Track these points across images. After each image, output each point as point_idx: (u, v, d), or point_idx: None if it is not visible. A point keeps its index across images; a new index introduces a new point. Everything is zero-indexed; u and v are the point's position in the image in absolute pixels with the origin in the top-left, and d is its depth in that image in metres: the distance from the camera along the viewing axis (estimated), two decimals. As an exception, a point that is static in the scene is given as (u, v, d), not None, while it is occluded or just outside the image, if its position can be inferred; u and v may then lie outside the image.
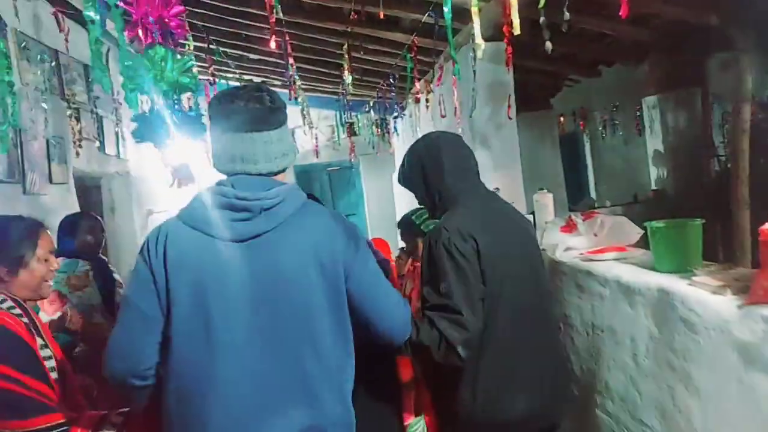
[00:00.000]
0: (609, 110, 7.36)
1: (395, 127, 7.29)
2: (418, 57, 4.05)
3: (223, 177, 1.30)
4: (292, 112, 7.46)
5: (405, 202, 5.92)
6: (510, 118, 3.57)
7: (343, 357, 1.27)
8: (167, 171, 1.98)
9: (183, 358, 1.19)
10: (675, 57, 5.15)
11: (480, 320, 1.47)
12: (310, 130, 7.19)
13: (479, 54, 2.46)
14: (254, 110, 1.26)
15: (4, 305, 1.44)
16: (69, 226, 2.51)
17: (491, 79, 3.62)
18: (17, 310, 1.46)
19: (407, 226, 2.23)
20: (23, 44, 3.31)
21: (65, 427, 1.34)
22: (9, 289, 1.48)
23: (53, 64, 3.65)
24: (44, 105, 3.43)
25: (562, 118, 7.44)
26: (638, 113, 6.31)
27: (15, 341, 1.39)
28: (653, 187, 5.95)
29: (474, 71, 3.15)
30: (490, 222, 1.58)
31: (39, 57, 3.50)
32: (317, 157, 8.05)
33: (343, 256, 1.26)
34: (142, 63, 1.84)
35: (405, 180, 1.77)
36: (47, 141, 3.52)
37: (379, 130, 7.50)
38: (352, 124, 7.63)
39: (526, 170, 4.05)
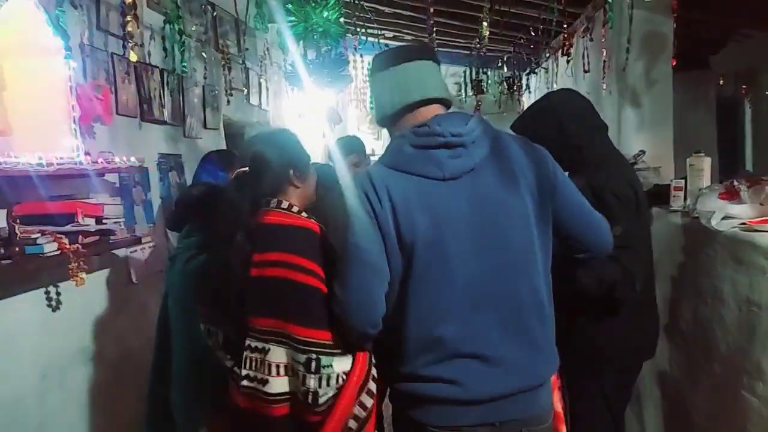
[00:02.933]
0: (782, 71, 6.38)
1: (527, 84, 6.96)
2: (565, 8, 3.77)
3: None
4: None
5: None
6: (673, 68, 3.22)
7: (548, 290, 1.30)
8: (322, 119, 2.10)
9: (422, 296, 1.21)
10: None
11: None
12: (438, 86, 7.07)
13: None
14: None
15: (304, 213, 1.39)
16: None
17: (647, 28, 3.29)
18: (314, 219, 1.41)
19: None
20: (188, -4, 3.61)
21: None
22: (292, 197, 1.41)
23: (214, 15, 3.95)
24: (204, 55, 3.74)
25: (721, 80, 6.60)
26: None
27: (327, 247, 1.37)
28: (829, 162, 5.14)
29: (630, 16, 2.88)
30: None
31: (201, 9, 3.80)
32: (438, 115, 7.88)
33: (549, 176, 1.29)
34: (297, 7, 1.93)
35: (525, 130, 1.70)
36: (203, 89, 3.86)
37: (510, 87, 7.19)
38: (480, 81, 7.37)
39: (673, 135, 3.69)
